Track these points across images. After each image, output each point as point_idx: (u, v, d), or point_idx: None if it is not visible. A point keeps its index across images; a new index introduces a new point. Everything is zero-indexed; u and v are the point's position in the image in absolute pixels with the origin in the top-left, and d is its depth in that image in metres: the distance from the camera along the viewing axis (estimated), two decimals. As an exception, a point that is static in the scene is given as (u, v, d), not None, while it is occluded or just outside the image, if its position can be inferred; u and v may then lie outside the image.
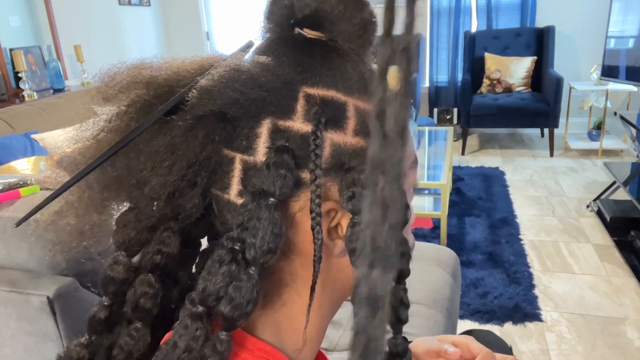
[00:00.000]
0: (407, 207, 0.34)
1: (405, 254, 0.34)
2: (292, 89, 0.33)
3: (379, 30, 0.36)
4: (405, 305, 0.35)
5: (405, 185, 0.35)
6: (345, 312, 1.23)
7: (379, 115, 0.16)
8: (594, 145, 3.89)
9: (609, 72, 3.21)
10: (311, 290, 0.35)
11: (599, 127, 3.91)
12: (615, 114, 2.86)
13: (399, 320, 0.35)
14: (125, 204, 0.35)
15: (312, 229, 0.33)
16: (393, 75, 0.16)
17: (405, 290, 0.35)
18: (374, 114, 0.16)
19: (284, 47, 0.35)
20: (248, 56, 0.36)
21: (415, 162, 0.40)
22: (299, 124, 0.32)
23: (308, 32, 0.36)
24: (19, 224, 0.34)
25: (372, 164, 0.16)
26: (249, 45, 0.38)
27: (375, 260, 0.15)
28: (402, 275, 0.34)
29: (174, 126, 0.33)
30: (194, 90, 0.33)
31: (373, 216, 0.16)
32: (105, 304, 0.35)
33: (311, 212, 0.33)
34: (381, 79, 0.16)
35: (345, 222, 0.34)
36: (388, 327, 0.36)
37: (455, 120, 4.50)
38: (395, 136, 0.16)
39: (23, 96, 2.94)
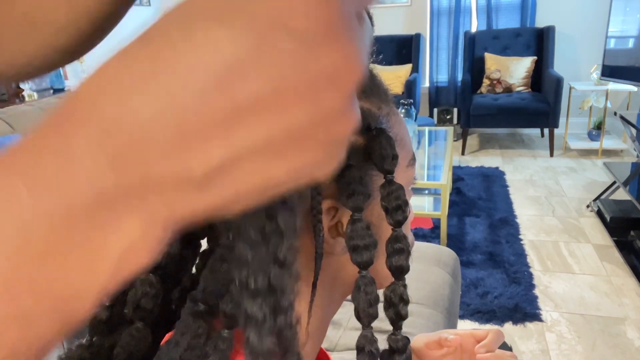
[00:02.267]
0: (406, 204, 0.34)
1: (404, 250, 0.34)
2: None
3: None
4: (405, 301, 0.35)
5: (403, 184, 0.35)
6: (346, 312, 1.23)
7: None
8: (594, 145, 3.89)
9: (609, 72, 3.21)
10: (313, 286, 0.35)
11: (599, 127, 3.91)
12: (615, 114, 2.86)
13: (398, 317, 0.35)
14: None
15: (313, 226, 0.33)
16: None
17: (405, 286, 0.35)
18: None
19: None
20: None
21: (413, 159, 0.40)
22: None
23: None
24: None
25: None
26: None
27: None
28: (402, 271, 0.34)
29: None
30: None
31: None
32: (106, 304, 0.35)
33: (312, 209, 0.33)
34: None
35: (345, 220, 0.34)
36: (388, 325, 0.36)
37: (455, 120, 4.51)
38: None
39: (23, 96, 2.94)
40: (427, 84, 4.71)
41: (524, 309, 2.00)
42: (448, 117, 4.53)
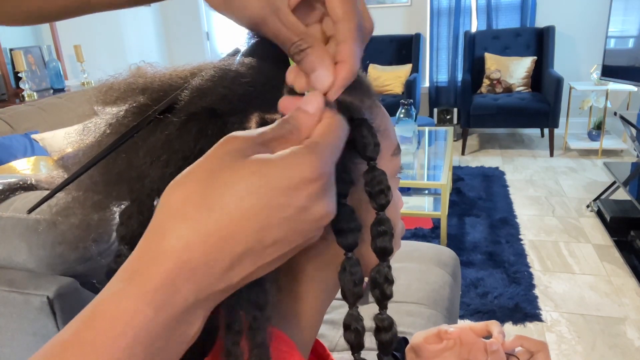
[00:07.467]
0: (388, 188, 0.35)
1: (388, 233, 0.35)
2: (276, 85, 0.34)
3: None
4: (389, 281, 0.36)
5: (389, 173, 0.36)
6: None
7: None
8: (594, 145, 3.89)
9: (609, 72, 3.21)
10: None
11: (599, 127, 3.91)
12: (615, 114, 2.86)
13: (384, 296, 0.36)
14: (127, 201, 0.36)
15: None
16: None
17: (389, 267, 0.36)
18: None
19: (267, 48, 0.36)
20: (236, 59, 0.38)
21: (398, 149, 0.42)
22: None
23: None
24: (30, 211, 0.35)
25: None
26: (235, 52, 0.40)
27: None
28: (385, 252, 0.36)
29: (169, 123, 0.34)
30: (186, 90, 0.35)
31: None
32: None
33: None
34: None
35: None
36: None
37: (455, 120, 4.51)
38: None
39: (23, 96, 2.94)
40: (427, 84, 4.71)
41: (524, 309, 2.00)
42: (448, 117, 4.53)
